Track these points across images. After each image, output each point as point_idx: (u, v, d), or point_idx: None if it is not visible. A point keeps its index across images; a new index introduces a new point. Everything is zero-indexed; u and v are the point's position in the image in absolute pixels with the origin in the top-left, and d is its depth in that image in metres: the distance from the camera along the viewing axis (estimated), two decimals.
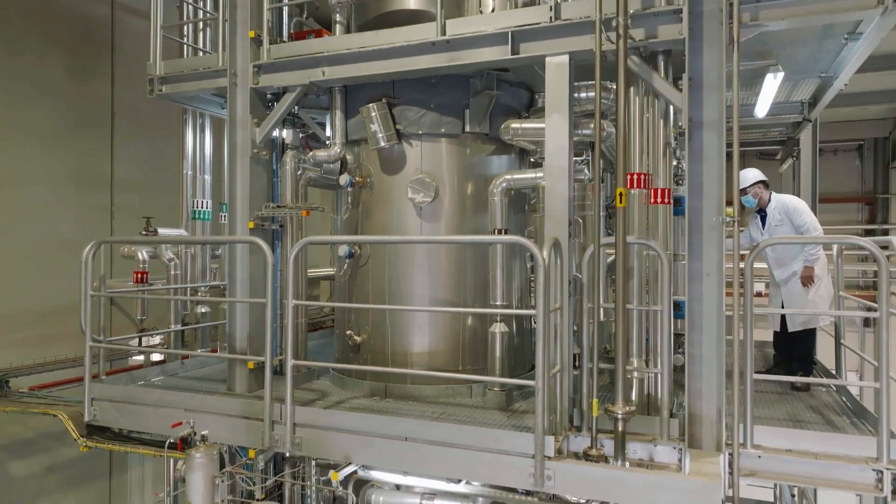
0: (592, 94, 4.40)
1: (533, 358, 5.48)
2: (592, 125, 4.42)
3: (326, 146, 5.71)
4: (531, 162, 5.91)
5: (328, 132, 5.75)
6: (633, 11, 4.06)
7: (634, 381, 4.36)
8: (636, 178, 4.28)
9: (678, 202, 4.50)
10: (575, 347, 4.41)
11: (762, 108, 6.41)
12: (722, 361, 4.01)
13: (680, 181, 6.29)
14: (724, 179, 3.99)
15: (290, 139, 5.78)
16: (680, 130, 4.17)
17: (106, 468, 8.56)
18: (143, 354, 7.19)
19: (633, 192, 4.29)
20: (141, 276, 6.97)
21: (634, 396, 4.34)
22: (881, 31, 4.35)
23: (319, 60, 5.13)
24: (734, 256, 3.98)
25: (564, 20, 4.33)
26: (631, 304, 4.28)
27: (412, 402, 5.01)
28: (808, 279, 5.68)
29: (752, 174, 5.88)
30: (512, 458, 3.93)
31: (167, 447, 4.59)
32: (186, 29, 6.83)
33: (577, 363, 4.38)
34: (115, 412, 5.27)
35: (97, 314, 5.42)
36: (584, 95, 4.88)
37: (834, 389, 5.42)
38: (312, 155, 5.52)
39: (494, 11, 5.14)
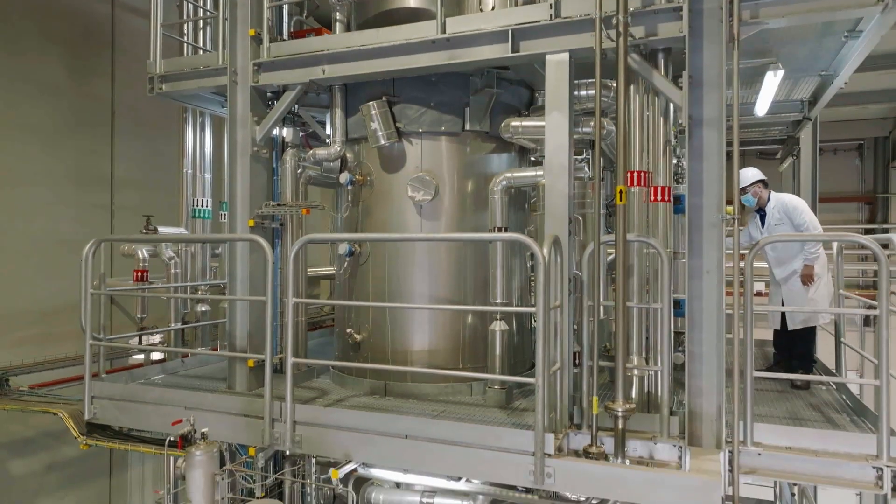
0: (592, 92, 4.41)
1: (533, 357, 5.48)
2: (592, 123, 4.43)
3: (326, 144, 5.71)
4: (531, 160, 5.92)
5: (328, 130, 5.75)
6: (633, 9, 4.06)
7: (634, 378, 4.35)
8: (636, 175, 4.28)
9: (678, 200, 4.50)
10: (575, 345, 4.40)
11: (762, 106, 6.42)
12: (722, 359, 4.00)
13: (680, 179, 6.30)
14: (723, 177, 3.99)
15: (290, 137, 5.78)
16: (680, 128, 4.18)
17: (106, 467, 8.56)
18: (143, 353, 7.19)
19: (633, 189, 4.28)
20: (141, 274, 6.97)
21: (634, 394, 4.33)
22: (881, 28, 4.34)
23: (319, 59, 5.13)
24: (734, 255, 3.98)
25: (564, 18, 4.33)
26: (631, 301, 4.28)
27: (412, 400, 5.01)
28: (808, 278, 5.68)
29: (751, 173, 5.87)
30: (512, 455, 3.93)
31: (167, 445, 4.59)
32: (186, 27, 6.83)
33: (577, 361, 4.38)
34: (115, 410, 5.28)
35: (97, 312, 5.42)
36: (584, 93, 4.88)
37: (834, 388, 5.42)
38: (312, 153, 5.53)
39: (494, 9, 5.15)
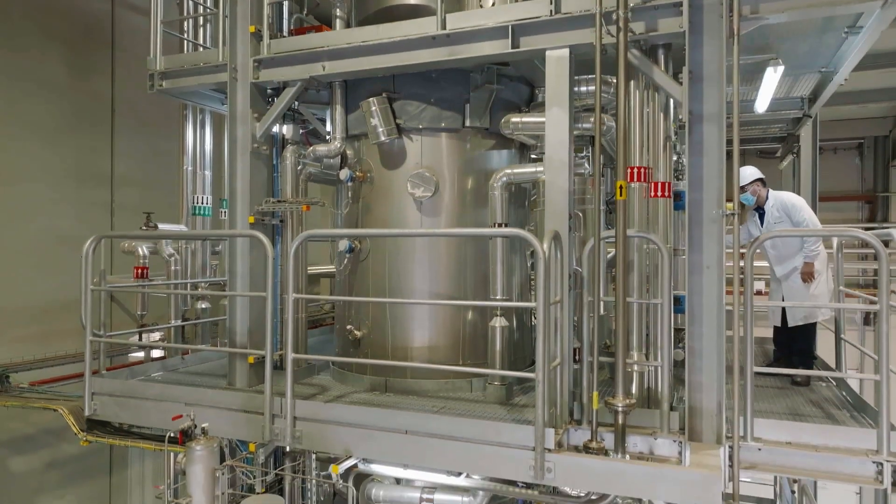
0: (592, 88, 4.40)
1: (533, 353, 5.47)
2: (592, 119, 4.43)
3: (326, 141, 5.71)
4: (531, 157, 5.91)
5: (328, 127, 5.75)
6: (633, 5, 4.06)
7: (634, 374, 4.35)
8: (636, 171, 4.28)
9: (678, 197, 4.50)
10: (575, 341, 4.41)
11: (762, 103, 6.41)
12: (722, 354, 4.00)
13: (680, 176, 6.29)
14: (724, 172, 3.99)
15: (290, 134, 5.78)
16: (680, 124, 4.17)
17: (106, 464, 8.57)
18: (143, 350, 7.19)
19: (633, 185, 4.28)
20: (141, 271, 6.97)
21: (634, 390, 4.33)
22: (881, 24, 4.34)
23: (319, 55, 5.13)
24: (734, 252, 3.97)
25: (565, 14, 4.34)
26: (631, 297, 4.28)
27: (412, 396, 5.00)
28: (808, 275, 5.69)
29: (749, 171, 5.87)
30: (512, 450, 3.94)
31: (167, 441, 4.59)
32: (187, 24, 6.83)
33: (577, 357, 4.38)
34: (115, 406, 5.28)
35: (97, 309, 5.42)
36: (584, 89, 4.88)
37: (834, 384, 5.42)
38: (312, 150, 5.53)
39: (494, 5, 5.14)
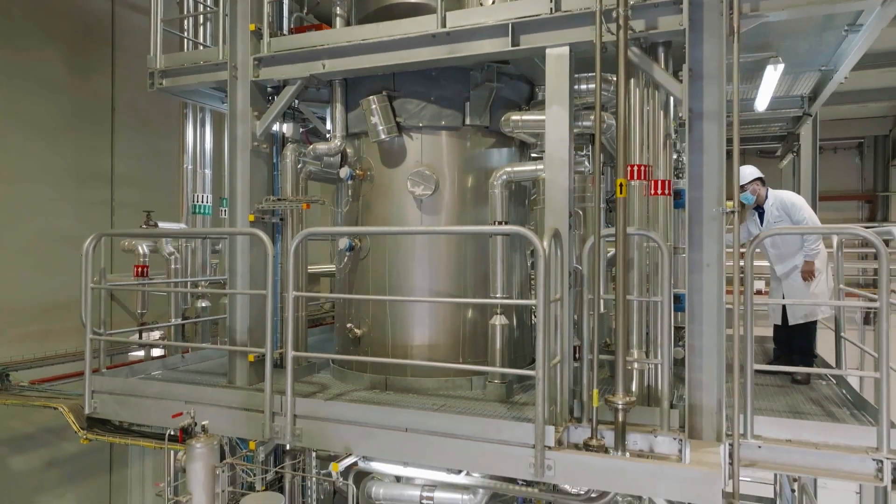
0: (592, 86, 4.40)
1: (533, 352, 5.48)
2: (592, 117, 4.43)
3: (327, 140, 5.71)
4: (531, 156, 5.91)
5: (328, 125, 5.76)
6: (633, 2, 4.06)
7: (635, 372, 4.36)
8: (636, 169, 4.28)
9: (678, 195, 4.49)
10: (575, 339, 4.41)
11: (762, 101, 6.41)
12: (722, 352, 4.00)
13: (680, 175, 6.29)
14: (724, 170, 3.99)
15: (290, 133, 5.78)
16: (680, 121, 4.17)
17: (106, 463, 8.57)
18: (143, 349, 7.19)
19: (633, 183, 4.28)
20: (141, 269, 6.97)
21: (635, 388, 4.34)
22: (881, 21, 4.34)
23: (320, 53, 5.13)
24: (734, 250, 3.97)
25: (565, 11, 4.33)
26: (631, 295, 4.28)
27: (412, 394, 5.00)
28: (808, 274, 5.69)
29: (749, 171, 5.88)
30: (512, 448, 3.93)
31: (167, 439, 4.59)
32: (187, 23, 6.83)
33: (577, 355, 4.38)
34: (115, 405, 5.28)
35: (97, 307, 5.42)
36: (584, 87, 4.88)
37: (834, 382, 5.42)
38: (313, 148, 5.53)
39: (494, 3, 5.13)
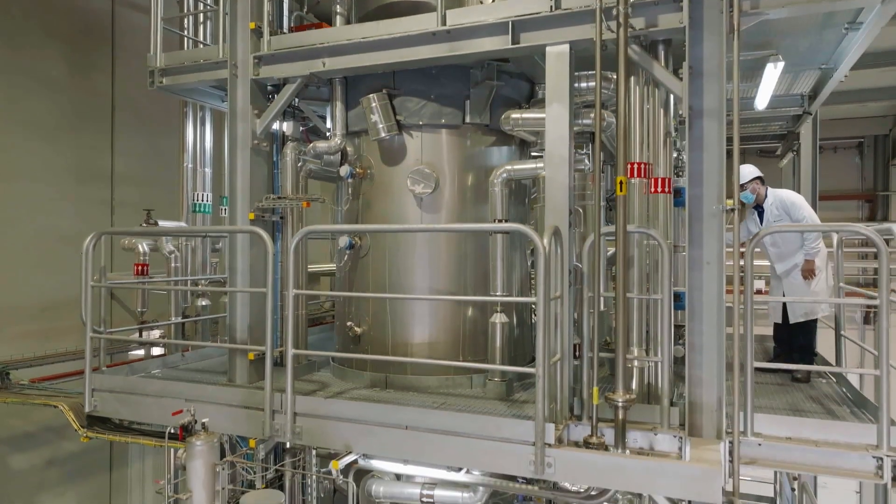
0: (592, 84, 4.40)
1: (533, 351, 5.47)
2: (592, 115, 4.42)
3: (327, 138, 5.71)
4: (531, 155, 5.91)
5: (328, 124, 5.76)
6: (633, 0, 4.05)
7: (635, 370, 4.35)
8: (636, 167, 4.28)
9: (678, 193, 4.49)
10: (575, 338, 4.41)
11: (762, 99, 6.41)
12: (722, 349, 4.00)
13: (680, 173, 6.29)
14: (724, 168, 3.99)
15: (290, 131, 5.78)
16: (680, 119, 4.17)
17: (106, 462, 8.57)
18: (143, 347, 7.19)
19: (633, 181, 4.28)
20: (141, 268, 6.98)
21: (634, 386, 4.33)
22: (881, 19, 4.34)
23: (320, 51, 5.13)
24: (734, 250, 3.97)
25: (565, 9, 4.33)
26: (631, 292, 4.28)
27: (412, 392, 5.01)
28: (809, 272, 5.70)
29: (748, 170, 5.88)
30: (512, 445, 3.94)
31: (167, 437, 4.59)
32: (187, 21, 6.83)
33: (577, 353, 4.38)
34: (115, 403, 5.28)
35: (98, 306, 5.42)
36: (584, 85, 4.88)
37: (834, 381, 5.42)
38: (313, 146, 5.53)
39: (494, 1, 5.11)
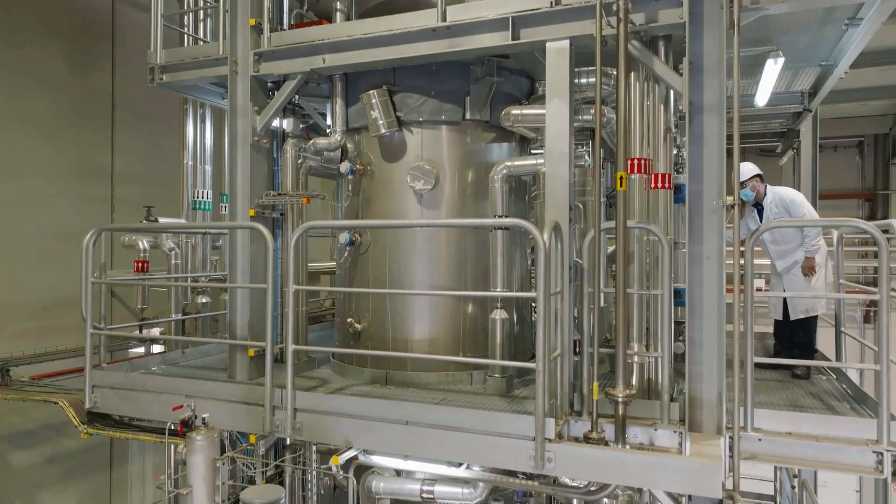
0: (593, 80, 4.40)
1: (533, 348, 5.46)
2: (593, 111, 4.42)
3: (327, 135, 5.71)
4: (531, 152, 5.91)
5: (328, 120, 5.76)
6: None
7: (635, 366, 4.35)
8: (637, 163, 4.27)
9: (678, 189, 4.48)
10: (575, 334, 4.41)
11: (762, 96, 6.41)
12: (722, 345, 4.00)
13: (680, 169, 6.30)
14: (724, 163, 3.99)
15: (290, 128, 5.78)
16: (680, 115, 4.17)
17: (107, 460, 8.57)
18: (143, 344, 7.19)
19: (633, 177, 4.28)
20: (141, 265, 6.98)
21: (635, 382, 4.32)
22: (881, 15, 4.34)
23: (320, 48, 5.13)
24: (734, 248, 3.96)
25: (565, 5, 4.32)
26: (631, 288, 4.28)
27: (412, 388, 5.01)
28: (809, 269, 5.70)
29: (748, 167, 5.89)
30: (513, 440, 3.94)
31: (168, 433, 4.59)
32: (187, 18, 6.83)
33: (577, 349, 4.38)
34: (115, 399, 5.28)
35: (98, 302, 5.42)
36: (584, 81, 4.88)
37: (834, 377, 5.43)
38: (313, 143, 5.53)
39: None
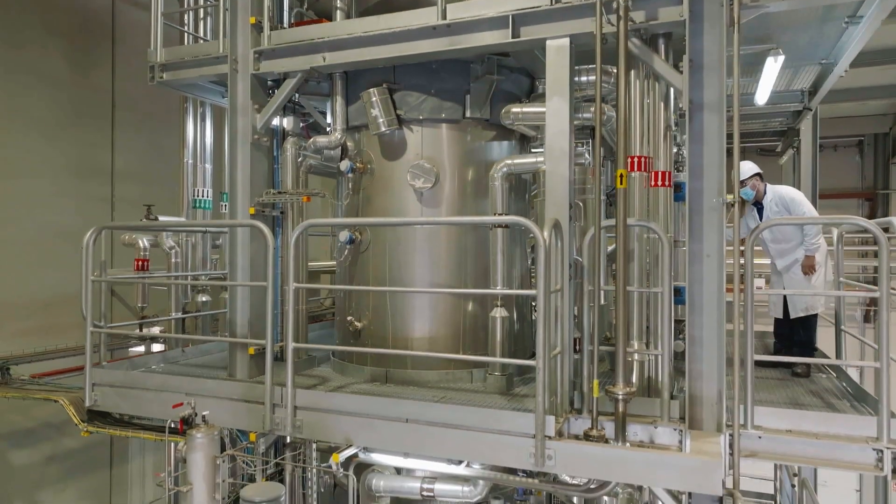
0: (593, 77, 4.40)
1: (533, 346, 5.46)
2: (593, 109, 4.42)
3: (327, 133, 5.71)
4: (531, 150, 5.91)
5: (329, 118, 5.76)
6: None
7: (635, 364, 4.35)
8: (637, 161, 4.28)
9: (679, 188, 4.49)
10: (575, 332, 4.41)
11: (762, 94, 6.41)
12: (722, 343, 4.00)
13: (680, 168, 6.30)
14: (724, 161, 3.99)
15: (290, 126, 5.78)
16: (680, 112, 4.17)
17: (107, 459, 8.57)
18: (143, 342, 7.19)
19: (633, 175, 4.28)
20: (141, 263, 6.98)
21: (635, 380, 4.33)
22: (882, 12, 4.34)
23: (320, 46, 5.13)
24: (734, 246, 3.95)
25: (565, 3, 4.32)
26: (631, 286, 4.28)
27: (413, 386, 5.01)
28: (809, 268, 5.70)
29: (748, 166, 5.90)
30: (513, 438, 3.94)
31: (168, 431, 4.59)
32: (187, 17, 6.83)
33: (577, 347, 4.38)
34: (115, 397, 5.28)
35: (98, 300, 5.42)
36: (584, 79, 4.87)
37: (834, 375, 5.43)
38: (313, 141, 5.53)
39: None
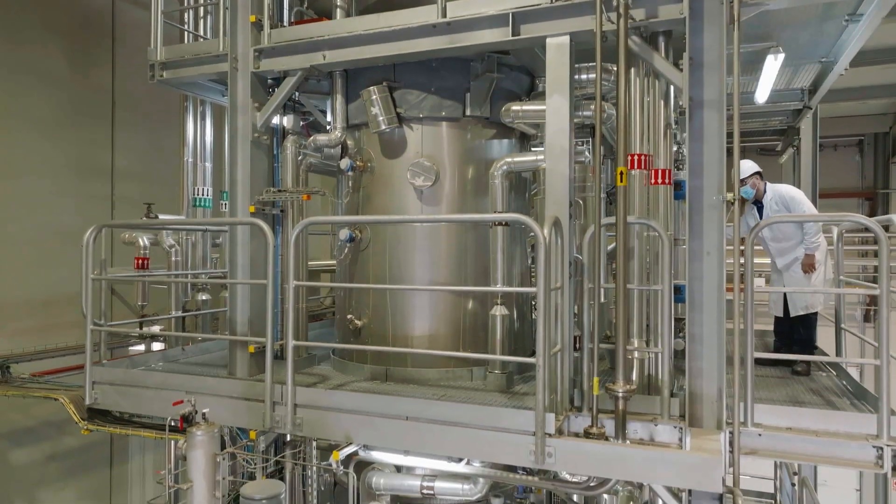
0: (593, 76, 4.40)
1: (533, 345, 5.46)
2: (593, 107, 4.42)
3: (327, 131, 5.72)
4: (531, 149, 5.91)
5: (329, 117, 5.76)
6: None
7: (635, 362, 4.35)
8: (637, 158, 4.28)
9: (679, 186, 4.49)
10: (575, 330, 4.41)
11: (762, 93, 6.41)
12: (722, 340, 4.00)
13: (680, 166, 6.30)
14: (724, 159, 3.99)
15: (290, 125, 5.79)
16: (681, 110, 4.17)
17: (107, 458, 8.58)
18: (143, 340, 7.19)
19: (633, 173, 4.28)
20: (142, 262, 6.98)
21: (635, 378, 4.33)
22: (882, 10, 4.34)
23: (320, 44, 5.13)
24: (734, 245, 3.95)
25: (565, 1, 4.33)
26: (631, 284, 4.28)
27: (413, 385, 5.01)
28: (809, 266, 5.70)
29: (748, 165, 5.90)
30: (513, 435, 3.94)
31: (168, 429, 4.59)
32: (187, 15, 6.83)
33: (577, 345, 4.38)
34: (116, 395, 5.28)
35: (98, 299, 5.42)
36: (584, 77, 4.88)
37: (834, 374, 5.43)
38: (313, 139, 5.53)
39: None
